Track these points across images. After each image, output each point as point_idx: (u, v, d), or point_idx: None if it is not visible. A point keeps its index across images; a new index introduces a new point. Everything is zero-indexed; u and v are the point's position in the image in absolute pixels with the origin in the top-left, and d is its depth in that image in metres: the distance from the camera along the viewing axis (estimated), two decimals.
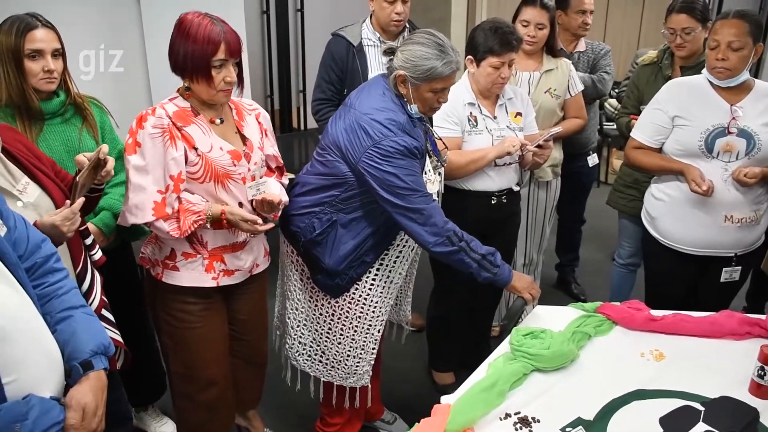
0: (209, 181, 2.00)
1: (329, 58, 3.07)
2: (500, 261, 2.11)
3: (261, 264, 2.27)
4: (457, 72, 2.07)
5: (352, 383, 2.36)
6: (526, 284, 2.15)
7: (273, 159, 2.24)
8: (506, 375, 1.79)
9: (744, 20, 2.30)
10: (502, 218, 2.74)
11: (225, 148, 2.02)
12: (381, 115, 2.03)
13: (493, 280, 2.11)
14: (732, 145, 2.35)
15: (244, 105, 2.19)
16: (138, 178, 1.92)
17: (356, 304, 2.24)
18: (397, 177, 2.00)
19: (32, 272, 1.49)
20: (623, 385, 1.81)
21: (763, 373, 1.75)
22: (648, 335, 2.07)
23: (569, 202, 3.64)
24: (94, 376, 1.43)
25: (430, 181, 2.16)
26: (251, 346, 2.38)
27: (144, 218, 1.93)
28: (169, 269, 2.09)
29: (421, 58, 2.00)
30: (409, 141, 2.02)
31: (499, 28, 2.47)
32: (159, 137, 1.91)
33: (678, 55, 2.98)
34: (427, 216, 2.03)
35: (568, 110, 3.14)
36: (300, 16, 4.96)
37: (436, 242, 2.05)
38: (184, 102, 2.00)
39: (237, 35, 1.96)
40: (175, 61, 1.95)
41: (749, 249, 2.51)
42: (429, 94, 2.05)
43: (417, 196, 2.02)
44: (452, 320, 2.91)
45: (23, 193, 1.74)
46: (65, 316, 1.48)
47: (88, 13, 3.45)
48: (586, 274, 4.21)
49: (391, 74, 2.07)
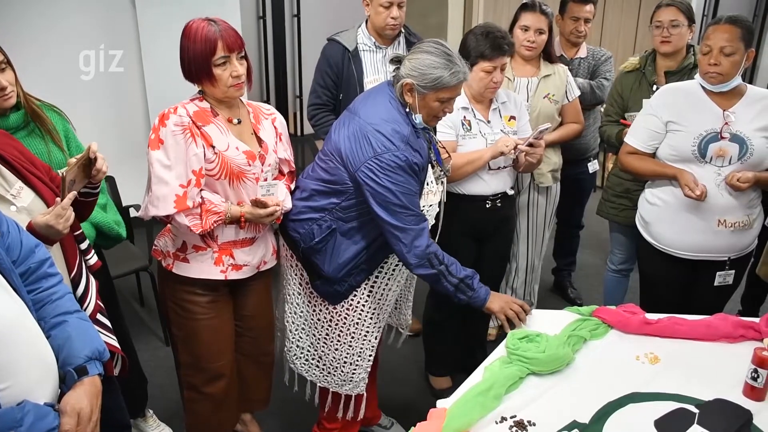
0: (224, 179, 2.07)
1: (325, 63, 3.08)
2: (477, 285, 2.11)
3: (268, 261, 2.31)
4: (463, 83, 2.07)
5: (347, 390, 2.36)
6: (502, 304, 2.12)
7: (286, 163, 2.28)
8: (502, 379, 1.80)
9: (736, 26, 2.32)
10: (497, 222, 2.75)
11: (241, 148, 2.08)
12: (386, 127, 2.02)
13: (468, 303, 2.13)
14: (725, 150, 2.36)
15: (262, 109, 2.26)
16: (162, 172, 1.99)
17: (354, 311, 2.24)
18: (392, 193, 2.00)
19: (26, 277, 1.49)
20: (618, 389, 1.82)
21: (756, 376, 1.76)
22: (643, 338, 2.08)
23: (569, 208, 3.65)
24: (88, 381, 1.43)
25: (432, 192, 2.17)
26: (257, 343, 2.42)
27: (166, 210, 2.00)
28: (179, 261, 2.16)
29: (429, 66, 1.99)
30: (410, 156, 2.01)
31: (490, 33, 2.49)
32: (180, 134, 1.98)
33: (663, 51, 2.97)
34: (413, 237, 2.03)
35: (565, 115, 3.15)
36: (296, 21, 4.97)
37: (418, 264, 2.06)
38: (204, 103, 2.08)
39: (234, 30, 2.02)
40: (184, 69, 2.03)
41: (742, 253, 2.53)
42: (435, 103, 2.05)
43: (408, 215, 2.03)
44: (448, 325, 2.91)
45: (17, 198, 1.74)
46: (59, 322, 1.48)
47: (88, 13, 3.46)
48: (583, 278, 4.23)
49: (398, 83, 2.07)
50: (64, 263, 1.85)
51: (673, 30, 2.91)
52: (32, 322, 1.41)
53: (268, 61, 4.93)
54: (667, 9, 2.94)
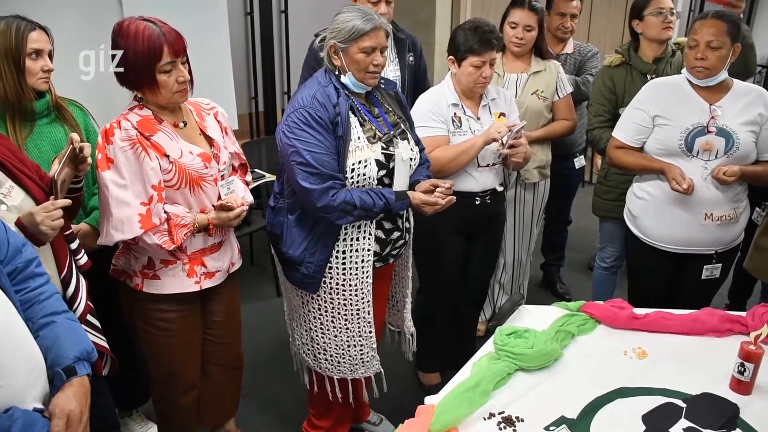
0: (185, 187, 1.99)
1: (312, 58, 3.06)
2: (394, 204, 2.11)
3: (236, 263, 2.28)
4: (383, 32, 2.10)
5: (362, 374, 2.36)
6: (418, 202, 2.16)
7: (236, 157, 2.22)
8: (490, 374, 1.81)
9: (722, 20, 2.34)
10: (486, 218, 2.75)
11: (195, 152, 2.01)
12: (301, 93, 2.11)
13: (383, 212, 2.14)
14: (711, 144, 2.38)
15: (202, 105, 2.17)
16: (119, 193, 1.88)
17: (336, 293, 2.24)
18: (296, 151, 2.03)
19: (13, 277, 1.48)
20: (606, 384, 1.83)
21: (743, 370, 1.77)
22: (631, 333, 2.09)
23: (556, 203, 3.65)
24: (77, 382, 1.42)
25: (360, 148, 2.12)
26: (229, 349, 2.36)
27: (132, 232, 1.90)
28: (149, 278, 2.05)
29: (343, 21, 2.08)
30: (314, 111, 2.04)
31: (479, 28, 2.48)
32: (130, 149, 1.88)
33: (665, 37, 2.98)
34: (318, 195, 2.03)
35: (556, 112, 3.14)
36: (284, 17, 4.93)
37: (336, 217, 2.08)
38: (144, 111, 1.96)
39: (177, 32, 1.91)
40: (120, 75, 1.90)
41: (729, 246, 2.55)
42: (360, 55, 2.07)
43: (312, 173, 2.02)
44: (437, 321, 2.92)
45: (7, 197, 1.72)
46: (48, 322, 1.47)
47: (87, 13, 3.42)
48: (571, 272, 4.24)
49: (323, 51, 2.14)
50: (54, 263, 1.83)
51: (672, 17, 2.95)
52: (20, 322, 1.40)
53: (256, 58, 4.90)
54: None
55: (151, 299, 2.08)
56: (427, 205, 2.16)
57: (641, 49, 3.04)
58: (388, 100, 2.30)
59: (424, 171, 2.33)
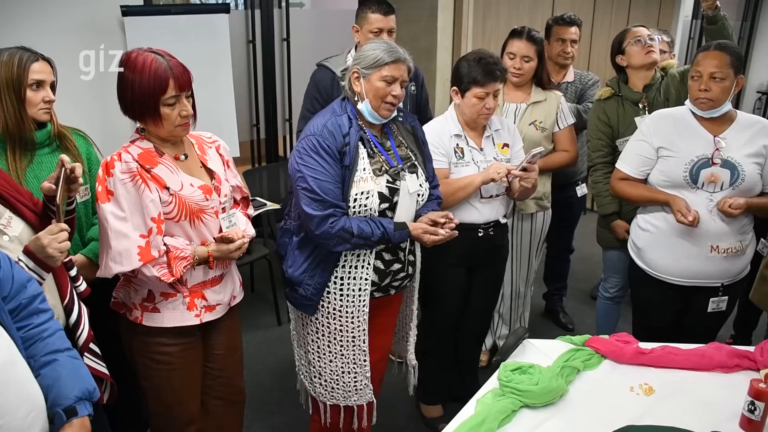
0: (185, 219, 1.98)
1: (314, 88, 3.07)
2: (392, 234, 2.14)
3: (237, 296, 2.26)
4: (405, 66, 2.15)
5: (355, 401, 2.35)
6: (419, 232, 2.19)
7: (237, 190, 2.22)
8: (495, 412, 1.78)
9: (725, 52, 2.34)
10: (489, 250, 2.73)
11: (195, 184, 2.00)
12: (315, 121, 2.18)
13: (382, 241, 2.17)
14: (716, 176, 2.36)
15: (204, 138, 2.17)
16: (119, 225, 1.88)
17: (333, 318, 2.25)
18: (303, 177, 2.09)
19: (17, 313, 1.47)
20: (613, 422, 1.79)
21: (753, 408, 1.74)
22: (637, 369, 2.07)
23: (558, 232, 3.62)
24: (77, 423, 1.41)
25: (364, 179, 2.14)
26: (229, 383, 2.32)
27: (131, 265, 1.88)
28: (149, 311, 2.03)
29: (368, 50, 2.15)
30: (323, 140, 2.09)
31: (482, 59, 2.49)
32: (130, 182, 1.88)
33: (649, 62, 2.99)
34: (318, 221, 2.08)
35: (557, 143, 3.12)
36: (286, 45, 4.96)
37: (334, 244, 2.12)
38: (146, 143, 1.97)
39: (183, 66, 1.92)
40: (124, 105, 1.92)
41: (735, 279, 2.52)
42: (380, 83, 2.12)
43: (315, 199, 2.07)
44: (439, 353, 2.89)
45: (8, 227, 1.72)
46: (50, 360, 1.46)
47: (87, 13, 3.44)
48: (574, 302, 4.20)
49: (345, 80, 2.21)
50: (57, 291, 1.82)
51: (651, 42, 2.97)
52: (22, 361, 1.38)
53: (258, 85, 4.93)
54: (639, 28, 3.05)
55: (151, 333, 2.05)
56: (426, 234, 2.18)
57: (630, 81, 3.06)
58: (403, 134, 2.31)
59: (433, 206, 2.33)
